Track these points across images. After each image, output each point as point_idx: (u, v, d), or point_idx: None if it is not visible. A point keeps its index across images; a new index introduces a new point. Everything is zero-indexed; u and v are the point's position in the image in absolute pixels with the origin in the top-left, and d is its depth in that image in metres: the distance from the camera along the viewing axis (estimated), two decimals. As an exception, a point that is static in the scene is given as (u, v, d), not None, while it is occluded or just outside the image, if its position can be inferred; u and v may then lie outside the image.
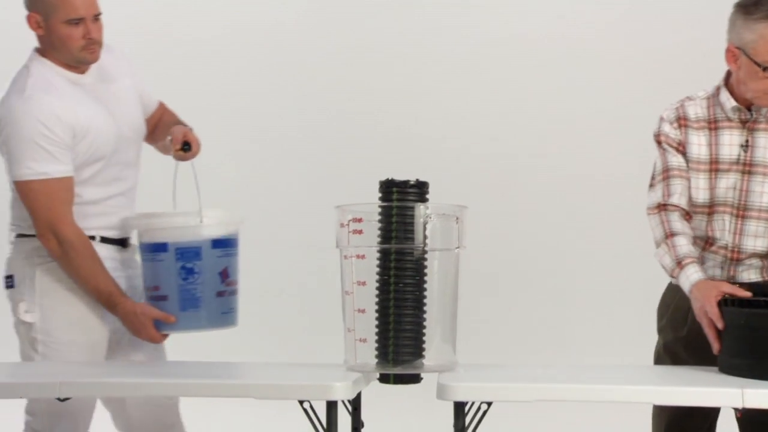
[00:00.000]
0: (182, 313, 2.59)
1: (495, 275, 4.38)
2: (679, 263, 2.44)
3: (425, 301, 2.25)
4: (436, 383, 2.12)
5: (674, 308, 2.64)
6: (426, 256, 2.24)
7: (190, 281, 2.58)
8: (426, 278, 2.25)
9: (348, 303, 2.27)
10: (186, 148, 2.67)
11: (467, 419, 2.11)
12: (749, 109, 2.51)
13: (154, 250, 2.60)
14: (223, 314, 2.62)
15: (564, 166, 4.37)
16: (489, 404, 2.10)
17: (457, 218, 2.27)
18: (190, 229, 2.57)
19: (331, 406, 2.15)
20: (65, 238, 2.51)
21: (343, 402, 2.21)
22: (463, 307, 2.32)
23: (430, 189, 2.26)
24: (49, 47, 2.57)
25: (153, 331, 2.57)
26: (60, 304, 2.58)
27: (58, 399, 2.17)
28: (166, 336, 2.61)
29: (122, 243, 2.65)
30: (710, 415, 2.56)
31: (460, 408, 2.11)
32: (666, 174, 2.56)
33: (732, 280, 2.52)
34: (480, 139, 4.59)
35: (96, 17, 2.58)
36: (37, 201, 2.51)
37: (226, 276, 2.61)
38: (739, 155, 2.52)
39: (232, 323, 2.65)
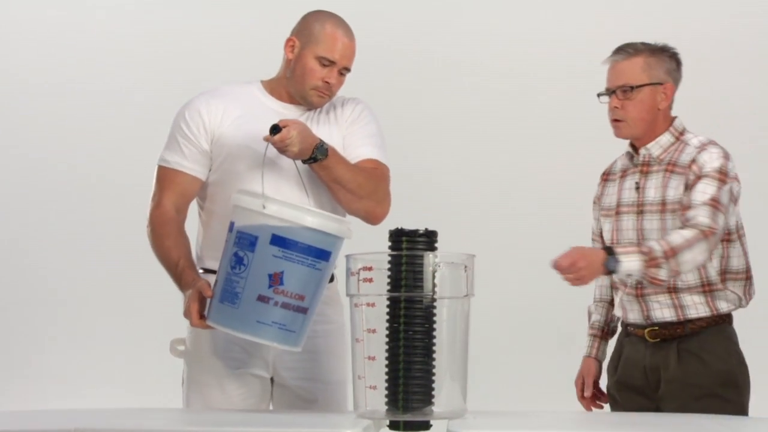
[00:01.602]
0: (220, 304, 2.33)
1: (504, 322, 4.39)
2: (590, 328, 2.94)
3: (435, 348, 2.24)
4: (446, 430, 2.11)
5: (612, 355, 2.85)
6: (435, 303, 2.24)
7: (236, 272, 2.30)
8: (435, 326, 2.24)
9: (358, 350, 2.26)
10: (274, 131, 2.42)
11: (476, 466, 2.09)
12: (638, 152, 2.74)
13: (229, 229, 2.36)
14: (259, 324, 2.30)
15: (569, 210, 4.39)
16: (498, 451, 2.08)
17: (466, 267, 2.28)
18: (252, 213, 2.30)
19: (342, 453, 2.13)
20: (149, 219, 2.57)
21: (353, 449, 2.21)
22: (473, 354, 2.31)
23: (439, 237, 2.25)
24: (286, 73, 2.63)
25: (194, 308, 2.37)
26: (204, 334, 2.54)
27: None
28: (207, 326, 2.36)
29: None
30: None
31: (469, 454, 2.09)
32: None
33: (647, 321, 2.69)
34: (486, 184, 4.63)
35: (343, 71, 2.62)
36: (154, 185, 2.60)
37: (276, 281, 2.28)
38: (635, 197, 2.69)
39: (274, 339, 2.32)
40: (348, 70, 2.63)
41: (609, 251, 2.48)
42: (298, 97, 2.63)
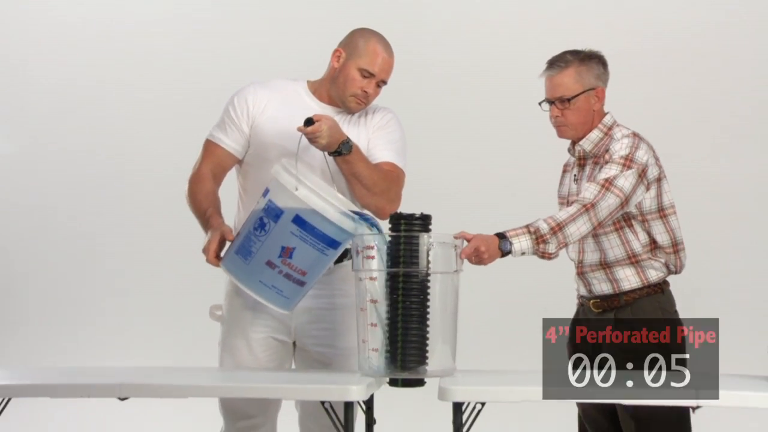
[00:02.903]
0: (234, 255, 2.52)
1: (490, 293, 4.57)
2: None
3: (428, 316, 2.44)
4: (438, 386, 2.29)
5: (571, 324, 2.97)
6: (429, 278, 2.44)
7: (256, 234, 2.48)
8: (429, 297, 2.44)
9: (362, 318, 2.46)
10: (308, 123, 2.58)
11: (464, 417, 2.28)
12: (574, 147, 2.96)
13: (263, 193, 2.55)
14: (261, 284, 2.49)
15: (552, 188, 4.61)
16: (483, 404, 2.27)
17: (456, 246, 2.49)
18: (285, 191, 2.49)
19: (348, 406, 2.32)
20: (189, 179, 2.81)
21: (358, 402, 2.40)
22: (462, 321, 2.50)
23: (433, 221, 2.48)
24: (329, 79, 2.83)
25: (213, 247, 2.56)
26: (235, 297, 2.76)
27: (119, 398, 2.34)
28: (217, 265, 2.56)
29: None
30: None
31: (458, 408, 2.28)
32: None
33: (591, 294, 2.92)
34: (482, 181, 4.82)
35: (381, 83, 2.81)
36: (200, 153, 2.84)
37: (287, 254, 2.46)
38: (574, 189, 2.95)
39: (268, 299, 2.51)
40: (385, 82, 2.82)
41: (501, 236, 2.69)
42: (338, 101, 2.82)
